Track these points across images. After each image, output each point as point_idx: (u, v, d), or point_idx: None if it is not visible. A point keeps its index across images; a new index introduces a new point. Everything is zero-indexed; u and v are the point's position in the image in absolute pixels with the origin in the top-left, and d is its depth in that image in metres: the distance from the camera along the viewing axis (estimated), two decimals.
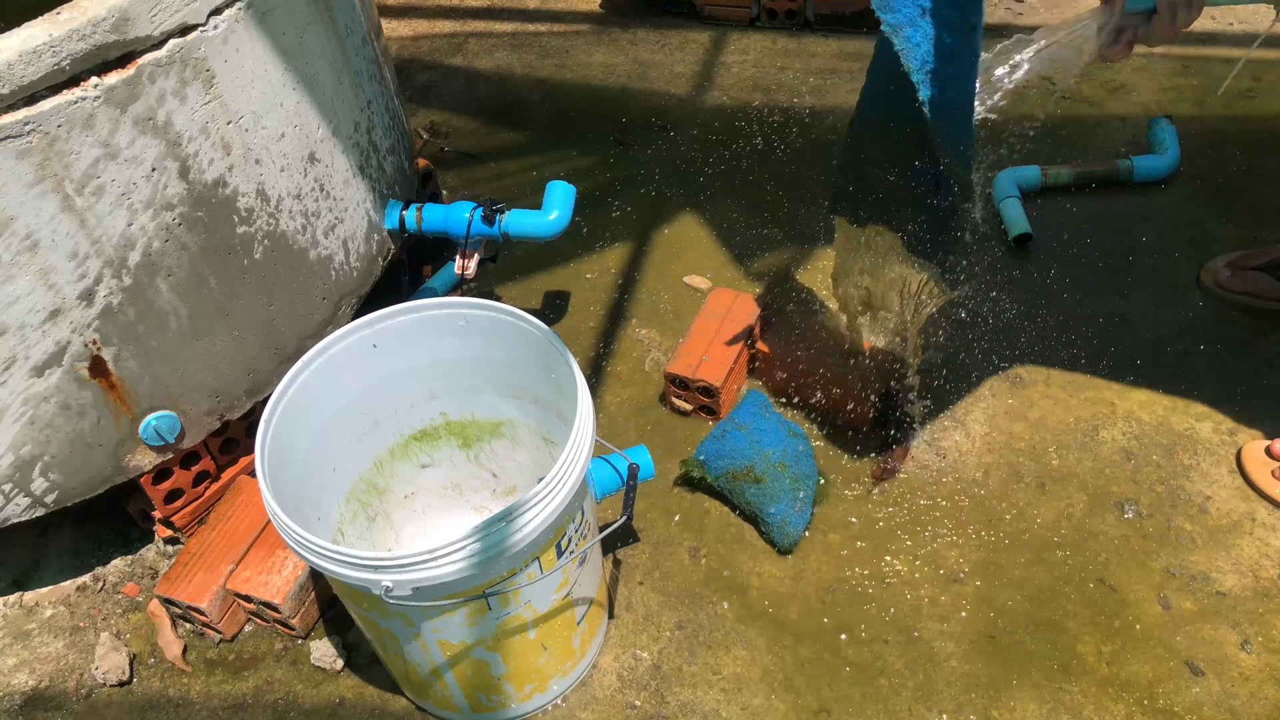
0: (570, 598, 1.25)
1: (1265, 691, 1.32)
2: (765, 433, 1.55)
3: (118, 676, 1.45)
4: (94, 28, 1.10)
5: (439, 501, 1.53)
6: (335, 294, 1.59)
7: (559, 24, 2.88)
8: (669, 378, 1.71)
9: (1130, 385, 1.71)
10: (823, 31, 2.70)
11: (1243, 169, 2.12)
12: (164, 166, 1.23)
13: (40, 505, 1.38)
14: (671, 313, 1.94)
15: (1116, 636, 1.39)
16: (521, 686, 1.30)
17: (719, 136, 2.37)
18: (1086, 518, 1.53)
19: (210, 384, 1.43)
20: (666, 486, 1.64)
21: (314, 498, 1.31)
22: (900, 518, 1.55)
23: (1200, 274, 1.87)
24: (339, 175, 1.54)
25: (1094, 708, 1.32)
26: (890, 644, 1.41)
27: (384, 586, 1.04)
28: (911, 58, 1.15)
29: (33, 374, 1.25)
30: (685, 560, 1.53)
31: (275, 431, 1.19)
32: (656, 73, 2.61)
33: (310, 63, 1.42)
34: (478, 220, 1.70)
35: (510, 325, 1.29)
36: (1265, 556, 1.46)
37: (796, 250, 2.04)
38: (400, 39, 2.86)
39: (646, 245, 2.10)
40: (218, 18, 1.23)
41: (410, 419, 1.43)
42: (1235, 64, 2.42)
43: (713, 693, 1.37)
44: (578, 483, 1.11)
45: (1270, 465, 1.53)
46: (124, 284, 1.26)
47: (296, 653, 1.47)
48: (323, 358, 1.26)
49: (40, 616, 1.55)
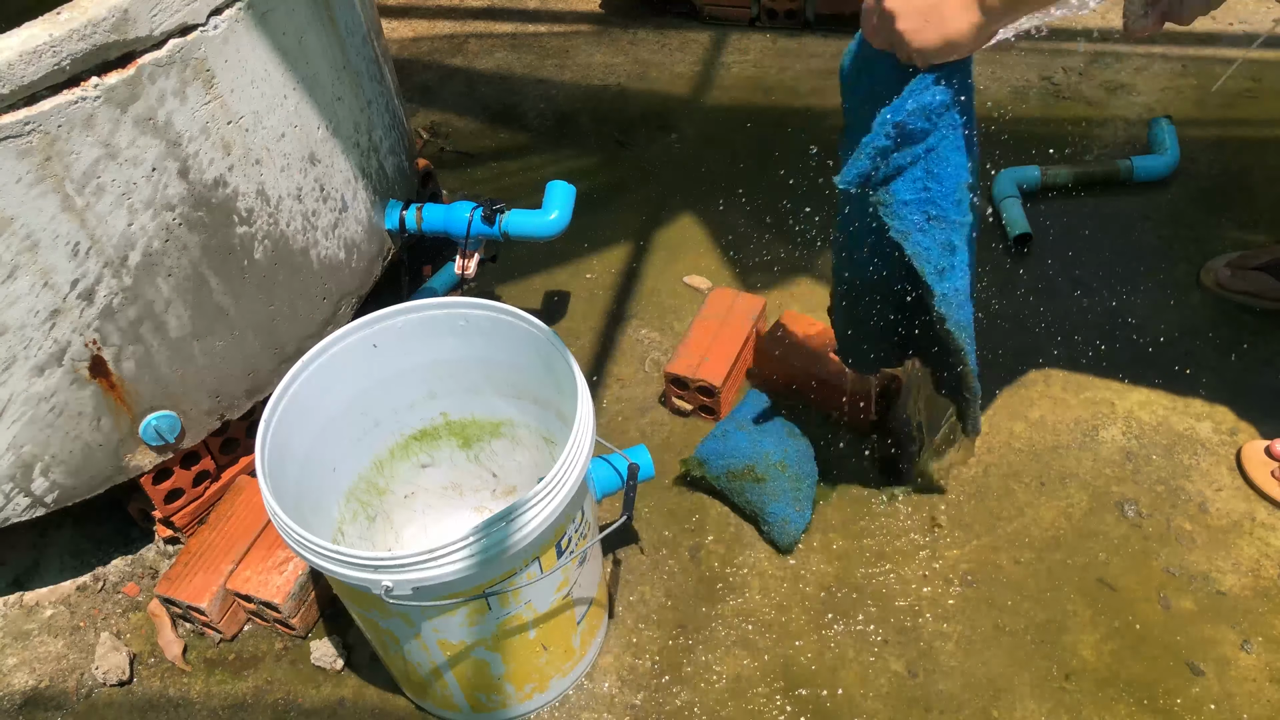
0: (570, 598, 1.25)
1: (1265, 691, 1.32)
2: (765, 432, 1.55)
3: (118, 676, 1.45)
4: (94, 28, 1.10)
5: (439, 501, 1.53)
6: (335, 294, 1.59)
7: (559, 24, 2.88)
8: (669, 378, 1.71)
9: (1130, 385, 1.71)
10: (823, 31, 2.70)
11: (1243, 169, 2.12)
12: (164, 166, 1.23)
13: (40, 505, 1.38)
14: (671, 313, 1.94)
15: (1116, 636, 1.39)
16: (521, 686, 1.30)
17: (719, 136, 2.37)
18: (1086, 518, 1.53)
19: (210, 384, 1.43)
20: (666, 486, 1.64)
21: (314, 498, 1.31)
22: (900, 517, 1.55)
23: (1200, 274, 1.87)
24: (339, 175, 1.54)
25: (1094, 708, 1.32)
26: (890, 644, 1.41)
27: (384, 586, 1.04)
28: (924, 261, 1.16)
29: (33, 374, 1.25)
30: (685, 560, 1.53)
31: (275, 431, 1.19)
32: (656, 73, 2.61)
33: (310, 63, 1.42)
34: (478, 220, 1.70)
35: (510, 325, 1.29)
36: (1265, 556, 1.46)
37: (797, 250, 2.04)
38: (400, 39, 2.86)
39: (646, 245, 2.10)
40: (218, 18, 1.23)
41: (410, 419, 1.43)
42: (1235, 64, 2.42)
43: (713, 693, 1.37)
44: (578, 483, 1.11)
45: (1270, 465, 1.53)
46: (124, 284, 1.26)
47: (296, 653, 1.47)
48: (323, 358, 1.27)
49: (40, 616, 1.55)
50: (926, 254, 1.16)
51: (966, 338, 1.26)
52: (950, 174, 1.12)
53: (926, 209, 1.14)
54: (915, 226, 1.15)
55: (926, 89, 1.06)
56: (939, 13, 1.01)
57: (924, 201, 1.13)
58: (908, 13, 1.03)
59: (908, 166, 1.12)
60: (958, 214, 1.15)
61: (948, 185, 1.12)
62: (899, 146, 1.10)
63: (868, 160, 1.11)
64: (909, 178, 1.12)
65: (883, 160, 1.11)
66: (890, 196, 1.14)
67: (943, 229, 1.15)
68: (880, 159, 1.11)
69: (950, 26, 1.01)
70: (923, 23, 1.02)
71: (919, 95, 1.07)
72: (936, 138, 1.10)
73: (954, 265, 1.18)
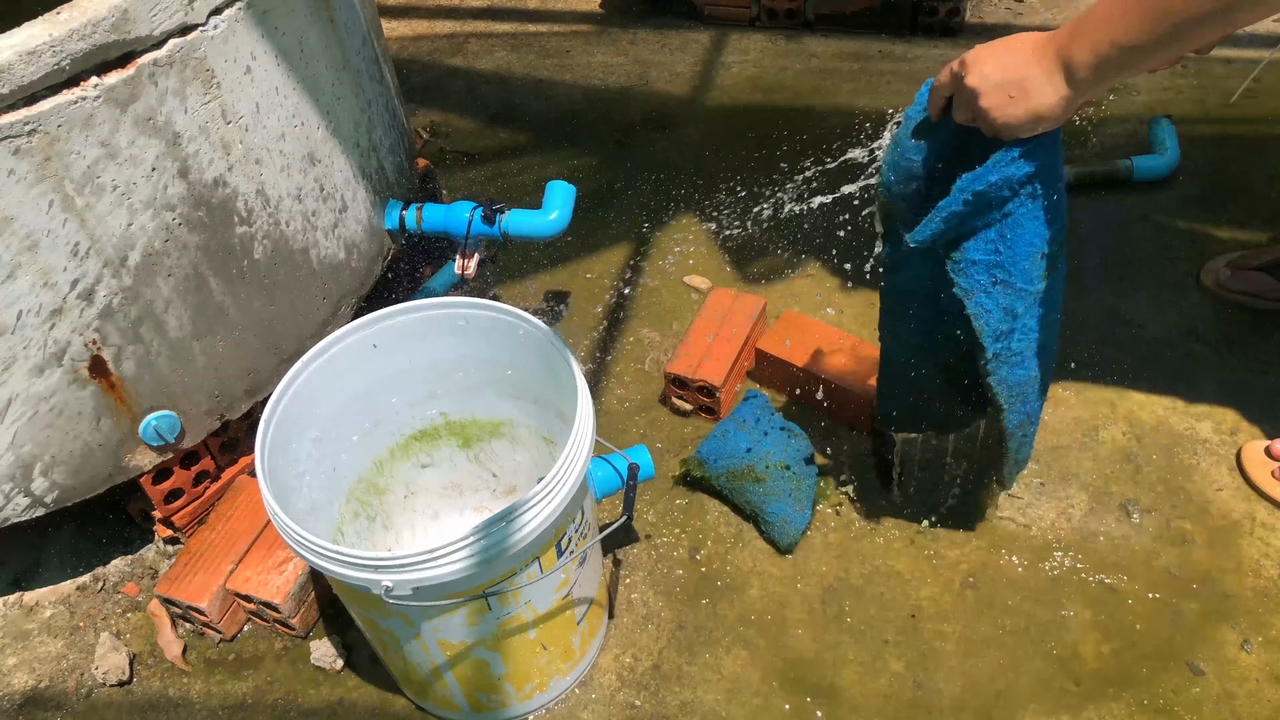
0: (570, 598, 1.25)
1: (1265, 691, 1.32)
2: (765, 432, 1.55)
3: (118, 676, 1.45)
4: (94, 28, 1.10)
5: (439, 501, 1.53)
6: (335, 294, 1.59)
7: (559, 24, 2.88)
8: (669, 377, 1.71)
9: (1130, 385, 1.71)
10: (823, 31, 2.70)
11: (1243, 169, 2.12)
12: (164, 166, 1.23)
13: (40, 505, 1.38)
14: (671, 313, 1.94)
15: (1116, 636, 1.39)
16: (521, 686, 1.30)
17: (719, 136, 2.37)
18: (1086, 518, 1.53)
19: (210, 384, 1.43)
20: (666, 486, 1.64)
21: (314, 498, 1.31)
22: (900, 517, 1.55)
23: (1200, 274, 1.87)
24: (339, 175, 1.54)
25: (1094, 708, 1.32)
26: (890, 644, 1.41)
27: (384, 586, 1.04)
28: (983, 322, 1.15)
29: (33, 374, 1.25)
30: (685, 560, 1.53)
31: (275, 431, 1.19)
32: (656, 73, 2.61)
33: (310, 63, 1.42)
34: (478, 220, 1.70)
35: (510, 325, 1.29)
36: (1265, 556, 1.46)
37: (797, 250, 2.04)
38: (400, 39, 2.86)
39: (646, 245, 2.10)
40: (218, 18, 1.23)
41: (410, 419, 1.43)
42: (1235, 64, 2.42)
43: (713, 693, 1.37)
44: (578, 483, 1.11)
45: (1270, 465, 1.53)
46: (124, 284, 1.26)
47: (296, 653, 1.47)
48: (323, 358, 1.26)
49: (40, 616, 1.55)
50: (987, 316, 1.14)
51: (1012, 396, 1.24)
52: (1024, 241, 1.10)
53: (994, 272, 1.12)
54: (980, 288, 1.13)
55: (1012, 162, 1.04)
56: (1023, 88, 0.98)
57: (992, 265, 1.12)
58: (990, 89, 1.00)
59: (980, 229, 1.10)
60: (1025, 282, 1.12)
61: (1019, 252, 1.10)
62: (976, 212, 1.08)
63: (942, 224, 1.09)
64: (981, 239, 1.11)
65: (957, 223, 1.10)
66: (960, 254, 1.12)
67: (1007, 294, 1.13)
68: (955, 223, 1.10)
69: (1036, 101, 0.98)
70: (1007, 98, 1.00)
71: (1003, 169, 1.04)
72: (1015, 204, 1.08)
73: (1014, 329, 1.16)
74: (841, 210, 2.10)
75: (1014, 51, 1.00)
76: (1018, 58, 0.99)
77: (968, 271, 1.13)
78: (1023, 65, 0.98)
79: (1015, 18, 2.68)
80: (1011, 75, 0.99)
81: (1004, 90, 1.00)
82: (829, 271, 1.98)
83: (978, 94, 1.01)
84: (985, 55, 1.01)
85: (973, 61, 1.01)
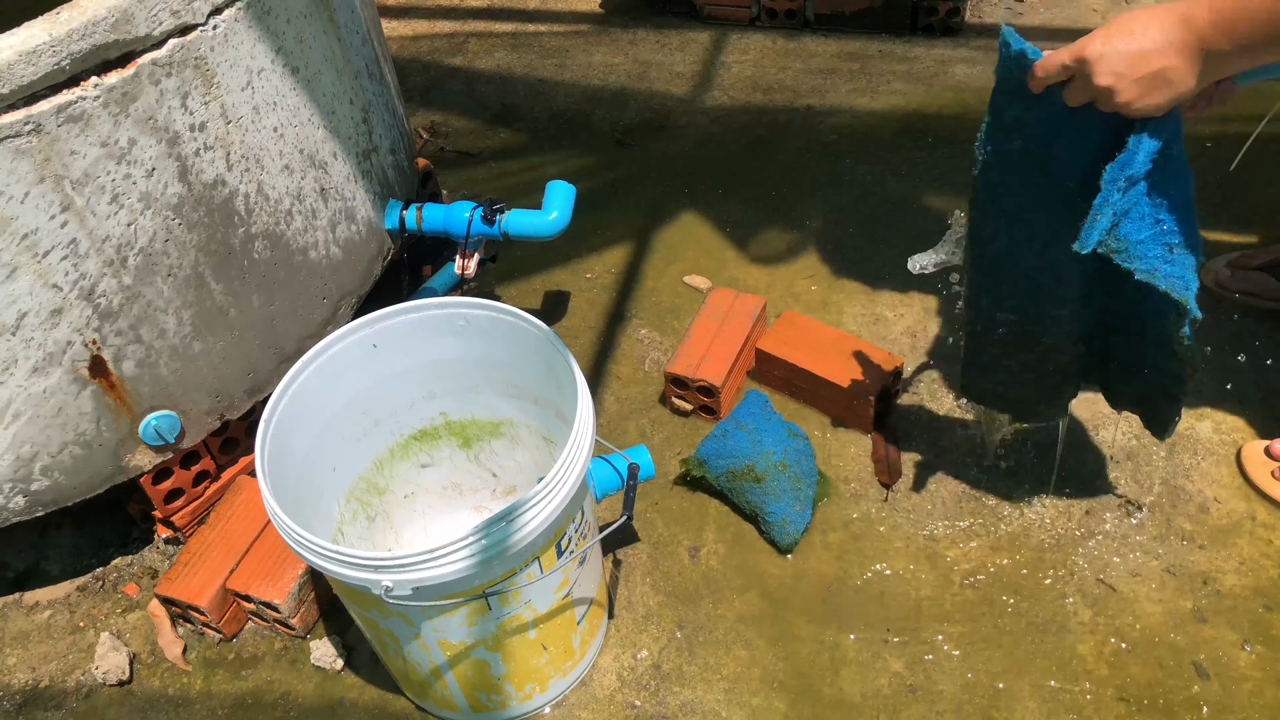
0: (570, 598, 1.25)
1: (1265, 691, 1.32)
2: (765, 432, 1.55)
3: (118, 676, 1.45)
4: (94, 28, 1.10)
5: (439, 501, 1.54)
6: (335, 294, 1.59)
7: (559, 24, 2.88)
8: (669, 377, 1.71)
9: None
10: (823, 31, 2.70)
11: (1242, 169, 2.12)
12: (164, 166, 1.23)
13: (40, 505, 1.38)
14: (671, 313, 1.94)
15: (1117, 636, 1.39)
16: (521, 686, 1.30)
17: (719, 136, 2.37)
18: (1086, 518, 1.53)
19: (210, 384, 1.43)
20: (666, 486, 1.64)
21: (314, 498, 1.31)
22: (900, 517, 1.55)
23: (1200, 274, 1.87)
24: (339, 175, 1.54)
25: (1094, 708, 1.32)
26: (890, 644, 1.41)
27: (384, 586, 1.04)
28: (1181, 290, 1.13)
29: (33, 374, 1.25)
30: (685, 560, 1.53)
31: (275, 431, 1.19)
32: (656, 73, 2.61)
33: (310, 63, 1.42)
34: (478, 220, 1.70)
35: (510, 325, 1.29)
36: (1265, 556, 1.46)
37: (797, 250, 2.04)
38: (400, 39, 2.86)
39: (646, 245, 2.10)
40: (218, 17, 1.23)
41: (410, 419, 1.43)
42: None
43: (713, 693, 1.37)
44: (578, 483, 1.11)
45: (1270, 465, 1.53)
46: (124, 284, 1.26)
47: (296, 653, 1.47)
48: (323, 358, 1.27)
49: (40, 616, 1.55)
50: (1177, 280, 1.12)
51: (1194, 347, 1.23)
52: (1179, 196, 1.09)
53: (1166, 240, 1.11)
54: (1161, 259, 1.11)
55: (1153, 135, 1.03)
56: (1165, 78, 0.98)
57: (1159, 236, 1.11)
58: (1126, 86, 0.99)
59: (1132, 207, 1.09)
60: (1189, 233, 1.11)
61: (1178, 211, 1.09)
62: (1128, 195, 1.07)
63: (1108, 219, 1.08)
64: (1136, 216, 1.09)
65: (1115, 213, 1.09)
66: (1123, 242, 1.10)
67: (1183, 252, 1.12)
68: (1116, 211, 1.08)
69: (1179, 88, 0.99)
70: (1148, 90, 0.99)
71: (1148, 145, 1.04)
72: (1158, 170, 1.07)
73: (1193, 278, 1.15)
74: (842, 209, 2.10)
75: (1145, 43, 0.98)
76: (1155, 51, 0.98)
77: (1141, 254, 1.11)
78: (1161, 58, 0.98)
79: (1015, 17, 2.68)
80: (1152, 69, 0.98)
81: (1143, 84, 0.99)
82: (829, 271, 1.98)
83: (1114, 91, 1.00)
84: (1112, 54, 0.99)
85: (1097, 59, 0.99)
